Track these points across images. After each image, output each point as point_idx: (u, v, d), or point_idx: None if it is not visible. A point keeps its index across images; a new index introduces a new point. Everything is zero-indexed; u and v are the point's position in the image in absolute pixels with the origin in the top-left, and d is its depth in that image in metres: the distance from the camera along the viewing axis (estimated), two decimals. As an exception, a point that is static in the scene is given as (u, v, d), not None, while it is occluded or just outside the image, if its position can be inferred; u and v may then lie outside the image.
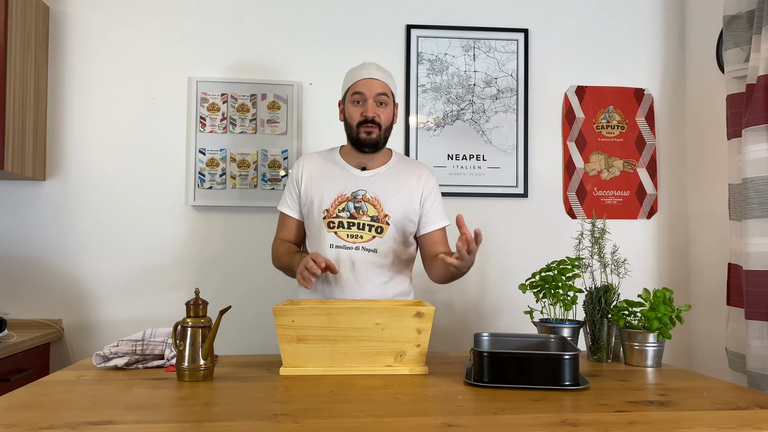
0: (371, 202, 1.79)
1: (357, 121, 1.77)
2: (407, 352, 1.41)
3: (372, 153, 1.82)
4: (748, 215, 1.99)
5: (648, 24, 2.65)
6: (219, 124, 2.43)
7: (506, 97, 2.57)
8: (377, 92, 1.77)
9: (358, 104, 1.78)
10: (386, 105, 1.80)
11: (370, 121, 1.76)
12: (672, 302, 1.57)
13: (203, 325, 1.35)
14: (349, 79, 1.81)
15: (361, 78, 1.78)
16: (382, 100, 1.78)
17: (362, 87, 1.77)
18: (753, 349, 1.94)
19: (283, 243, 1.90)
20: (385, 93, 1.78)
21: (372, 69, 1.79)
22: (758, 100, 1.97)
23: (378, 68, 1.81)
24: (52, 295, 2.35)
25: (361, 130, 1.77)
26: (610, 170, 2.60)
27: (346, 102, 1.82)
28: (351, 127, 1.80)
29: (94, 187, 2.39)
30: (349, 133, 1.82)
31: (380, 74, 1.79)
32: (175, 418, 1.06)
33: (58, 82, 2.40)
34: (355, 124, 1.78)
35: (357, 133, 1.78)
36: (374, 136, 1.77)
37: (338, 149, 1.92)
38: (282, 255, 1.86)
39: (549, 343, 1.51)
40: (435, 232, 1.86)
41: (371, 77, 1.77)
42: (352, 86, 1.79)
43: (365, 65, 1.81)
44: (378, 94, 1.77)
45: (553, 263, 1.74)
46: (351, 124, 1.79)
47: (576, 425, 1.02)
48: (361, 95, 1.77)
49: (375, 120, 1.76)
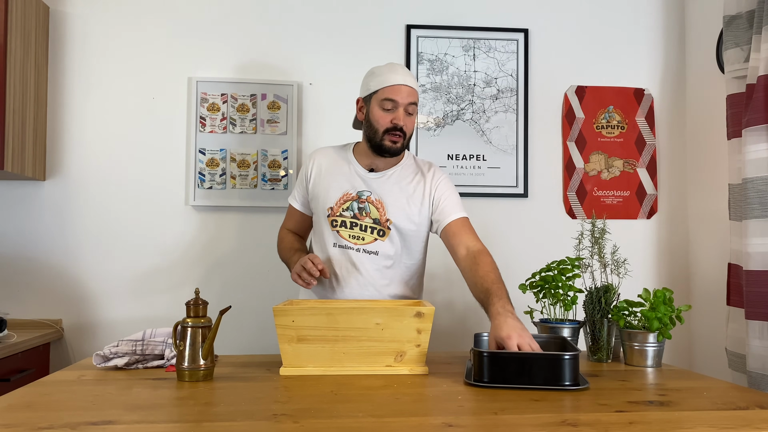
0: (375, 204, 1.77)
1: (385, 128, 1.71)
2: (407, 352, 1.41)
3: (390, 158, 1.78)
4: (748, 215, 1.99)
5: (648, 24, 2.65)
6: (219, 124, 2.43)
7: (506, 97, 2.57)
8: (409, 101, 1.72)
9: (388, 111, 1.71)
10: (413, 114, 1.75)
11: (399, 129, 1.71)
12: (672, 302, 1.57)
13: (203, 325, 1.35)
14: (379, 81, 1.72)
15: (395, 84, 1.70)
16: (411, 110, 1.73)
17: (396, 94, 1.70)
18: (753, 349, 1.94)
19: (288, 235, 1.92)
20: (414, 102, 1.73)
21: (406, 75, 1.73)
22: (758, 100, 1.97)
23: (409, 74, 1.74)
24: (52, 295, 2.35)
25: (386, 138, 1.72)
26: (610, 170, 2.60)
27: (372, 103, 1.74)
28: (376, 131, 1.73)
29: (94, 187, 2.39)
30: (372, 137, 1.75)
31: (411, 81, 1.73)
32: (175, 418, 1.06)
33: (58, 82, 2.40)
34: (383, 130, 1.72)
35: (382, 139, 1.72)
36: (399, 145, 1.73)
37: (352, 146, 1.87)
38: (284, 248, 1.89)
39: (549, 343, 1.51)
40: (450, 224, 1.76)
41: (405, 84, 1.71)
42: (383, 90, 1.71)
43: (396, 69, 1.73)
44: (409, 103, 1.72)
45: (553, 263, 1.74)
46: (377, 128, 1.72)
47: (576, 425, 1.02)
48: (394, 102, 1.70)
49: (403, 129, 1.72)
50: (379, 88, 1.71)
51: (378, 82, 1.72)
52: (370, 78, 1.75)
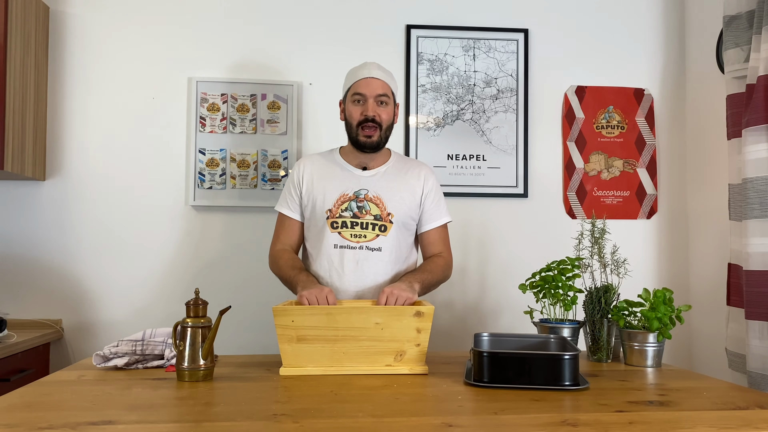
0: (374, 201, 1.80)
1: (357, 121, 1.78)
2: (407, 352, 1.41)
3: (372, 153, 1.83)
4: (748, 215, 1.99)
5: (648, 24, 2.65)
6: (219, 124, 2.43)
7: (506, 97, 2.57)
8: (378, 93, 1.77)
9: (358, 104, 1.78)
10: (387, 104, 1.80)
11: (370, 120, 1.76)
12: (672, 302, 1.57)
13: (203, 325, 1.35)
14: (350, 78, 1.81)
15: (361, 77, 1.78)
16: (382, 99, 1.78)
17: (363, 87, 1.77)
18: (753, 349, 1.94)
19: (286, 252, 1.86)
20: (385, 93, 1.79)
21: (372, 68, 1.79)
22: (758, 100, 1.97)
23: (378, 68, 1.81)
24: (52, 295, 2.35)
25: (360, 132, 1.77)
26: (610, 170, 2.60)
27: (346, 101, 1.82)
28: (351, 126, 1.80)
29: (94, 187, 2.39)
30: (350, 133, 1.82)
31: (381, 74, 1.79)
32: (175, 418, 1.06)
33: (58, 82, 2.40)
34: (356, 123, 1.78)
35: (357, 134, 1.79)
36: (374, 138, 1.78)
37: (338, 150, 1.93)
38: (285, 267, 1.80)
39: (549, 343, 1.51)
40: (432, 231, 1.88)
41: (372, 77, 1.77)
42: (352, 86, 1.79)
43: (366, 65, 1.81)
44: (378, 94, 1.77)
45: (553, 263, 1.74)
46: (351, 123, 1.80)
47: (576, 425, 1.02)
48: (362, 96, 1.77)
49: (375, 119, 1.76)
50: (350, 85, 1.80)
51: (348, 80, 1.82)
52: (345, 79, 1.85)
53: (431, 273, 1.78)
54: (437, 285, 1.83)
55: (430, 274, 1.78)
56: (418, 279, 1.70)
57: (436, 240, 1.88)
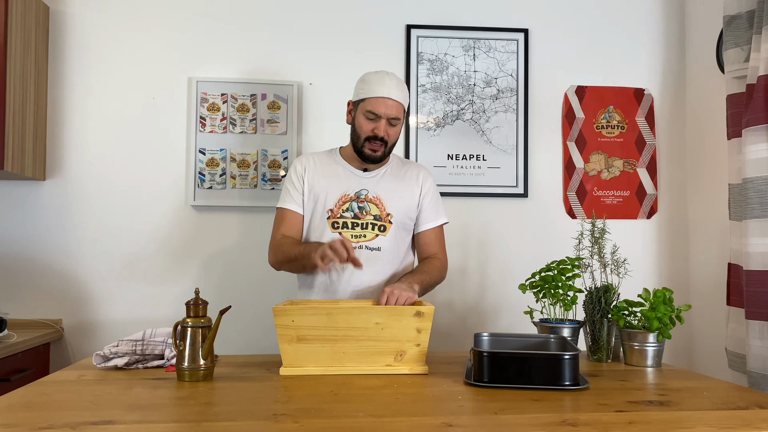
0: (374, 201, 1.82)
1: (366, 136, 1.77)
2: (407, 352, 1.41)
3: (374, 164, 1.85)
4: (748, 215, 1.99)
5: (648, 24, 2.65)
6: (219, 124, 2.43)
7: (506, 97, 2.57)
8: (392, 115, 1.76)
9: (371, 120, 1.76)
10: (397, 125, 1.79)
11: (379, 139, 1.76)
12: (672, 302, 1.57)
13: (203, 325, 1.35)
14: (367, 90, 1.76)
15: (379, 96, 1.74)
16: (394, 122, 1.78)
17: (379, 107, 1.74)
18: (753, 349, 1.94)
19: (287, 238, 1.83)
20: (398, 117, 1.77)
21: (392, 88, 1.75)
22: (758, 100, 1.97)
23: (397, 86, 1.77)
24: (52, 295, 2.35)
25: (367, 145, 1.78)
26: (610, 170, 2.60)
27: (358, 110, 1.79)
28: (359, 137, 1.79)
29: (94, 186, 2.39)
30: (355, 142, 1.82)
31: (398, 94, 1.76)
32: (175, 418, 1.06)
33: (58, 82, 2.40)
34: (364, 137, 1.78)
35: (362, 145, 1.79)
36: (379, 154, 1.79)
37: (338, 150, 1.93)
38: (290, 247, 1.77)
39: (549, 343, 1.51)
40: (428, 232, 1.89)
41: (390, 97, 1.74)
42: (368, 100, 1.75)
43: (384, 80, 1.76)
44: (392, 117, 1.76)
45: (553, 263, 1.74)
46: (359, 134, 1.79)
47: (576, 425, 1.02)
48: (376, 115, 1.75)
49: (384, 139, 1.77)
50: (366, 98, 1.76)
51: (366, 91, 1.76)
52: (361, 84, 1.80)
53: (429, 274, 1.79)
54: (434, 286, 1.84)
55: (428, 275, 1.78)
56: (417, 280, 1.70)
57: (432, 240, 1.89)
